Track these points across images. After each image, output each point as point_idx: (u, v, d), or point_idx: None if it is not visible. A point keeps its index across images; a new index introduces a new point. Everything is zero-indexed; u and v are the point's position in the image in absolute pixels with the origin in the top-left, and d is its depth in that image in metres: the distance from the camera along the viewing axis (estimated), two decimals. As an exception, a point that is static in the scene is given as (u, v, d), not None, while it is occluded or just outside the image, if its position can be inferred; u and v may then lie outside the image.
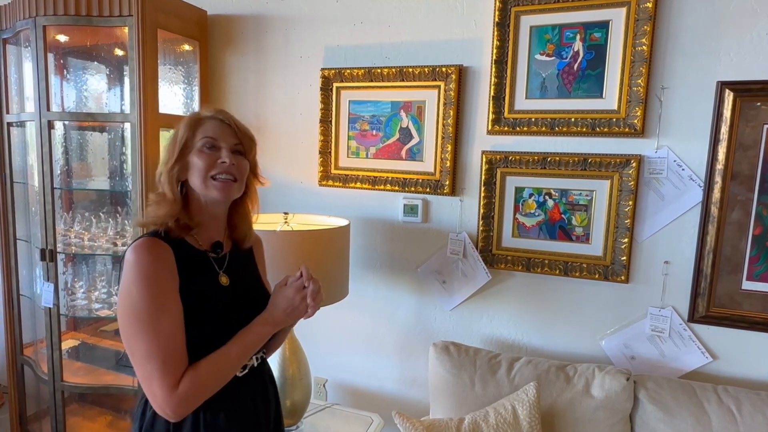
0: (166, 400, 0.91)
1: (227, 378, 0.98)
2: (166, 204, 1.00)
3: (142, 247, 0.94)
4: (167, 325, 0.92)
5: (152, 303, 0.92)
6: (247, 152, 1.05)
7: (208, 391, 0.95)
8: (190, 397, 0.93)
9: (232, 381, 1.01)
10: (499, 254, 1.67)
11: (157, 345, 0.91)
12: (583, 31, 1.50)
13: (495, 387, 1.49)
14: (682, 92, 1.45)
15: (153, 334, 0.91)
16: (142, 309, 0.91)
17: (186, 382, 0.92)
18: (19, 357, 2.07)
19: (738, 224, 1.42)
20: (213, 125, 1.02)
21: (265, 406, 1.10)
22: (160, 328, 0.91)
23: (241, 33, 1.96)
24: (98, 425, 2.09)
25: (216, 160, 1.00)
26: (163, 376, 0.91)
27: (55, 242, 1.80)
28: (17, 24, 1.77)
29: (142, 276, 0.92)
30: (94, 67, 2.01)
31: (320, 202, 1.91)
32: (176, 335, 0.93)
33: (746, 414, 1.31)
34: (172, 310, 0.93)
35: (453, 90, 1.64)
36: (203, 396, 0.95)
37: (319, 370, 1.96)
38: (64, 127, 1.92)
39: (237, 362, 0.99)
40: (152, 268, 0.93)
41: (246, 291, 1.09)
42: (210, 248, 1.05)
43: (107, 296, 1.96)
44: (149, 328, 0.91)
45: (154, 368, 0.91)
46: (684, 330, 1.50)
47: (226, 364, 0.97)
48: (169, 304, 0.93)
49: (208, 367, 0.94)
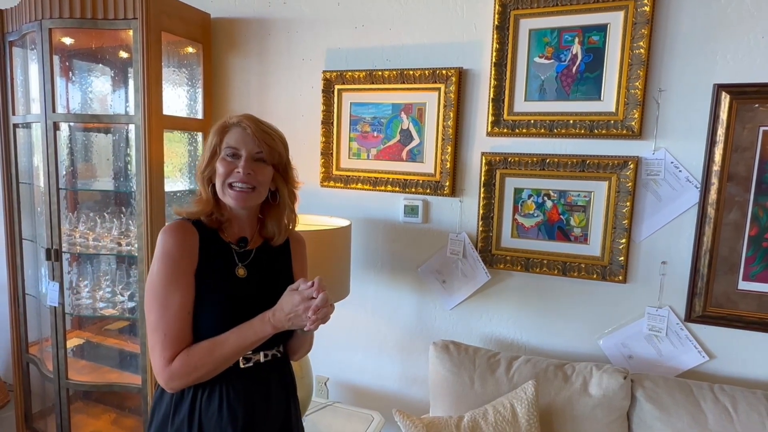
0: (159, 372, 1.01)
1: (220, 365, 1.02)
2: (200, 202, 1.09)
3: (169, 228, 1.04)
4: (175, 302, 1.00)
5: (166, 279, 1.00)
6: (269, 159, 1.07)
7: (198, 373, 1.00)
8: (181, 375, 1.00)
9: (234, 370, 1.05)
10: (498, 254, 1.69)
11: (164, 319, 0.99)
12: (582, 35, 1.51)
13: (494, 385, 1.50)
14: (679, 95, 1.46)
15: (162, 308, 1.00)
16: (157, 283, 1.01)
17: (178, 361, 0.99)
18: (24, 355, 2.09)
19: (734, 225, 1.43)
20: (236, 133, 1.06)
21: (264, 405, 1.10)
22: (168, 304, 1.00)
23: (244, 36, 1.98)
24: (102, 422, 2.11)
25: (233, 169, 1.04)
26: (162, 349, 0.99)
27: (60, 242, 1.82)
28: (23, 27, 1.79)
29: (162, 254, 1.02)
30: (99, 69, 2.02)
31: (322, 203, 1.92)
32: (182, 313, 1.00)
33: (742, 412, 1.32)
34: (184, 288, 1.01)
35: (453, 92, 1.66)
36: (193, 376, 1.00)
37: (320, 368, 1.98)
38: (69, 129, 1.94)
39: (232, 353, 1.02)
40: (172, 247, 1.02)
41: (263, 286, 1.11)
42: (235, 242, 1.11)
43: (111, 295, 1.97)
44: (160, 301, 1.00)
45: (156, 340, 1.00)
46: (681, 329, 1.52)
47: (219, 352, 1.00)
48: (181, 282, 1.01)
49: (201, 352, 1.00)
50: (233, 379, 1.06)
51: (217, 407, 1.04)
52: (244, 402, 1.06)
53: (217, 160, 1.07)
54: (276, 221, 1.15)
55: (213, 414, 1.04)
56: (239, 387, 1.07)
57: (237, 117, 1.08)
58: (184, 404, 1.05)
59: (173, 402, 1.06)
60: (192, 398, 1.05)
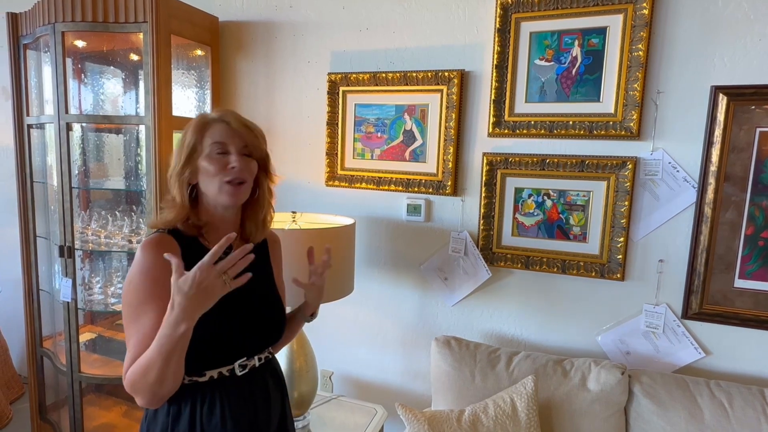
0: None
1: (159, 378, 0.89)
2: (174, 208, 1.02)
3: (148, 244, 0.97)
4: (148, 323, 0.92)
5: (142, 298, 0.94)
6: (254, 153, 1.04)
7: (144, 390, 0.90)
8: (129, 390, 0.92)
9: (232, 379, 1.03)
10: (499, 252, 1.71)
11: (135, 337, 0.93)
12: (582, 37, 1.53)
13: (494, 380, 1.52)
14: (677, 96, 1.47)
15: (134, 327, 0.93)
16: (132, 301, 0.94)
17: (126, 377, 0.92)
18: (38, 349, 2.12)
19: (731, 224, 1.45)
20: (220, 128, 1.01)
21: (265, 404, 1.10)
22: (140, 323, 0.93)
23: (251, 39, 2.00)
24: (114, 414, 2.14)
25: (226, 165, 0.99)
26: (126, 363, 0.93)
27: (73, 239, 1.84)
28: (37, 30, 1.82)
29: (139, 271, 0.95)
30: (111, 72, 2.05)
31: (327, 202, 1.95)
32: (153, 332, 0.90)
33: (737, 408, 1.34)
34: (160, 308, 0.91)
35: (455, 94, 1.68)
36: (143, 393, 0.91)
37: (325, 363, 2.00)
38: (81, 129, 1.96)
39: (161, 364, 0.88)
40: (151, 264, 0.95)
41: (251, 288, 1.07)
42: None
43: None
44: (133, 320, 0.94)
45: (126, 357, 0.94)
46: (678, 326, 1.54)
47: (148, 366, 0.88)
48: (158, 301, 0.93)
49: (134, 368, 0.91)
50: (232, 388, 1.03)
51: (219, 420, 1.00)
52: (246, 408, 1.05)
53: (199, 158, 1.00)
54: (255, 218, 1.11)
55: (216, 426, 1.00)
56: (240, 395, 1.04)
57: (217, 112, 1.03)
58: (181, 420, 1.00)
59: (170, 419, 1.01)
60: (191, 413, 1.00)
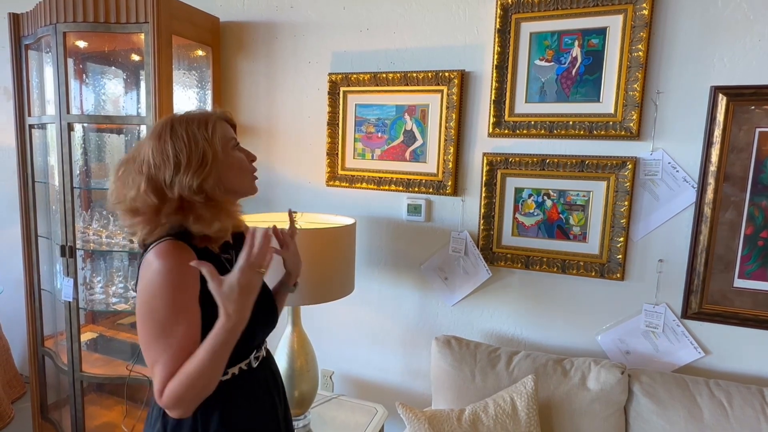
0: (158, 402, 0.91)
1: (208, 385, 0.90)
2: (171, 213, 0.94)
3: (170, 253, 0.90)
4: (181, 336, 0.90)
5: (173, 312, 0.89)
6: None
7: (190, 399, 0.90)
8: (172, 407, 0.90)
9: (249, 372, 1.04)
10: (499, 252, 1.72)
11: (168, 354, 0.89)
12: (582, 38, 1.54)
13: (494, 379, 1.52)
14: (676, 96, 1.48)
15: (164, 343, 0.89)
16: (160, 318, 0.89)
17: (165, 393, 0.89)
18: (40, 349, 2.13)
19: (730, 224, 1.46)
20: (225, 126, 1.01)
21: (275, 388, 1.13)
22: (173, 338, 0.89)
23: (252, 39, 2.01)
24: (115, 413, 2.15)
25: (249, 159, 1.03)
26: (159, 381, 0.89)
27: (74, 239, 1.85)
28: (39, 30, 1.82)
29: (168, 284, 0.89)
30: (112, 72, 2.06)
31: (327, 202, 1.96)
32: (187, 346, 0.89)
33: (737, 407, 1.34)
34: (190, 320, 0.91)
35: (455, 94, 1.69)
36: (189, 404, 0.90)
37: (326, 362, 2.01)
38: (83, 129, 1.97)
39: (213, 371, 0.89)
40: (178, 276, 0.90)
41: None
42: (220, 250, 1.03)
43: (124, 291, 2.01)
44: (162, 336, 0.89)
45: (156, 372, 0.90)
46: (677, 326, 1.54)
47: (198, 376, 0.88)
48: (189, 314, 0.91)
49: (179, 382, 0.88)
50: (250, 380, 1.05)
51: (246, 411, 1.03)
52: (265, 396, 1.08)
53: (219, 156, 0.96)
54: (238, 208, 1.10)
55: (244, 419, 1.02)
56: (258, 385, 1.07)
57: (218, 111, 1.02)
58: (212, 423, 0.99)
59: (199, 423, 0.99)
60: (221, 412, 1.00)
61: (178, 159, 0.93)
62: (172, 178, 0.93)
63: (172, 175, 0.93)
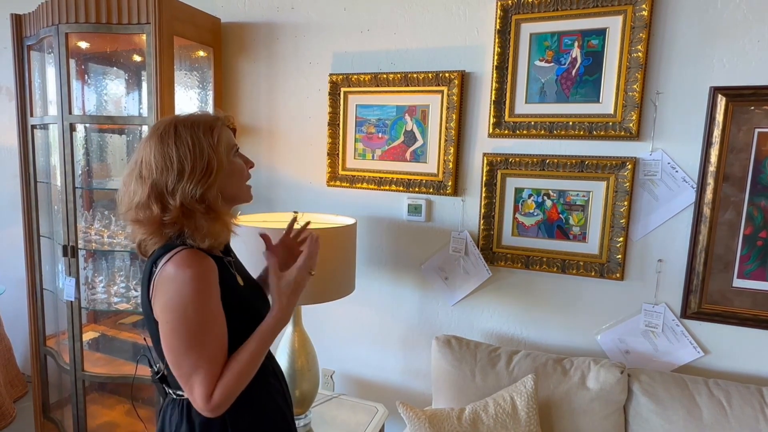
0: (203, 408, 0.92)
1: (252, 375, 0.96)
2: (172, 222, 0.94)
3: (193, 262, 0.90)
4: (215, 341, 0.91)
5: (206, 320, 0.90)
6: None
7: (238, 391, 0.94)
8: (223, 404, 0.93)
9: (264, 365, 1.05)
10: (499, 252, 1.72)
11: (204, 359, 0.90)
12: (581, 39, 1.54)
13: (494, 379, 1.53)
14: (676, 97, 1.48)
15: (199, 350, 0.90)
16: (196, 326, 0.90)
17: (217, 393, 0.91)
18: (42, 348, 2.14)
19: (729, 224, 1.46)
20: (228, 132, 1.01)
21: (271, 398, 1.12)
22: (209, 344, 0.91)
23: (253, 40, 2.01)
24: (117, 413, 2.16)
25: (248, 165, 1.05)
26: (204, 387, 0.90)
27: (76, 239, 1.85)
28: (41, 31, 1.83)
29: (197, 293, 0.89)
30: (114, 73, 2.06)
31: (328, 202, 1.96)
32: (221, 349, 0.93)
33: (736, 406, 1.35)
34: (221, 323, 0.93)
35: (456, 95, 1.69)
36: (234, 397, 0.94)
37: (326, 362, 2.02)
38: (85, 130, 1.97)
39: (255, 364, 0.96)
40: (204, 283, 0.90)
41: (254, 285, 1.14)
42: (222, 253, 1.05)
43: (125, 290, 2.02)
44: (199, 343, 0.90)
45: (196, 380, 0.90)
46: (677, 325, 1.55)
47: (246, 373, 0.94)
48: (219, 317, 0.92)
49: (228, 382, 0.92)
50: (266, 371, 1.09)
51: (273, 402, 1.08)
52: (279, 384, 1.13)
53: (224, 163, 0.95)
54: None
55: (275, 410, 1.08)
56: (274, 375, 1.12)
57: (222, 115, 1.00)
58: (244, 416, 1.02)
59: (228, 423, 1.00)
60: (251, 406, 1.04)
61: (182, 165, 0.91)
62: (174, 185, 0.91)
63: (175, 182, 0.91)
